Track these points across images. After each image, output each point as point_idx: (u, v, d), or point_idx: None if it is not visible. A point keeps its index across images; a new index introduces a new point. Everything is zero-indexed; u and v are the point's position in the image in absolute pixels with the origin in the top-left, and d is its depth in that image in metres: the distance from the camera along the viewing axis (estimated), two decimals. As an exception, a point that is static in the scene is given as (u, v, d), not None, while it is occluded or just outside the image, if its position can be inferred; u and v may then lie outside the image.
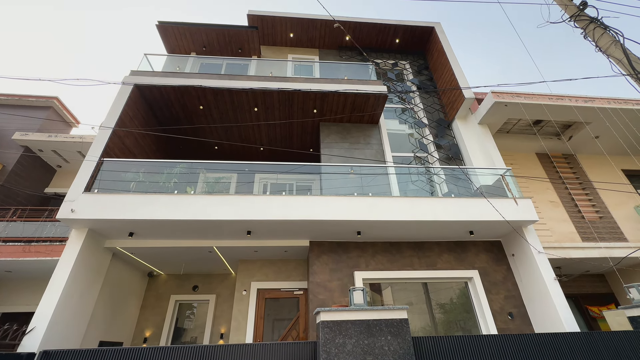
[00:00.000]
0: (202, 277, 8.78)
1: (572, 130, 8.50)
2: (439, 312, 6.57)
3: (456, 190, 7.05)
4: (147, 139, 7.98)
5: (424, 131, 8.99)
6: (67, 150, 8.85)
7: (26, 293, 7.35)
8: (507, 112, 7.80)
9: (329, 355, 3.22)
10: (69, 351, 3.51)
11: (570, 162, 9.02)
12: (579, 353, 3.67)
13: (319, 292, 5.99)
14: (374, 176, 6.95)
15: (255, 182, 6.83)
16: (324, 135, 8.42)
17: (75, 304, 5.41)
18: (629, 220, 7.99)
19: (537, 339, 3.72)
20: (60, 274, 5.20)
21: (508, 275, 6.55)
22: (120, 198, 5.56)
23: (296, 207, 5.73)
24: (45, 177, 9.58)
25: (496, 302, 6.21)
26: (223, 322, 8.25)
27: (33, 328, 4.74)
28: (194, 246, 6.47)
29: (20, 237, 6.72)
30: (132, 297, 7.88)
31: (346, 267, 6.34)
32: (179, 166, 6.43)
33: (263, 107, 8.09)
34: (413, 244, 6.77)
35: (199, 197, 5.69)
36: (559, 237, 7.40)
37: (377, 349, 3.27)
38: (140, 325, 7.99)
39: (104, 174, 5.99)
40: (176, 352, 3.54)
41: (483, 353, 3.57)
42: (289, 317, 7.26)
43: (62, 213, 5.30)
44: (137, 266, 7.79)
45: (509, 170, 6.85)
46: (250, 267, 7.40)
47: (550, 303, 5.61)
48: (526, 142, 8.87)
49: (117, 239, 6.27)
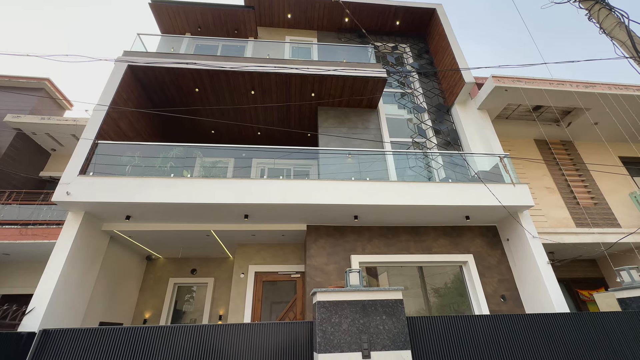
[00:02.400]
0: (200, 260, 8.86)
1: (572, 116, 8.46)
2: (433, 296, 6.70)
3: (453, 176, 7.06)
4: (142, 122, 7.85)
5: (422, 116, 8.91)
6: (60, 132, 8.71)
7: (25, 275, 7.39)
8: (507, 97, 7.72)
9: (325, 333, 3.28)
10: (69, 330, 3.56)
11: (568, 148, 9.02)
12: (569, 333, 3.77)
13: (316, 275, 6.07)
14: (372, 161, 6.93)
15: (252, 167, 6.80)
16: (322, 120, 8.33)
17: (74, 285, 5.45)
18: (624, 206, 8.07)
19: (528, 320, 3.82)
20: (57, 256, 5.21)
21: (502, 260, 6.66)
22: (116, 181, 5.52)
23: (294, 191, 5.72)
24: (40, 161, 9.46)
25: (489, 286, 6.33)
26: (221, 304, 8.39)
27: (33, 308, 4.79)
28: (192, 230, 6.49)
29: (16, 220, 6.71)
30: (131, 280, 7.95)
31: (343, 251, 6.40)
32: (175, 149, 6.36)
33: (260, 90, 7.95)
34: (409, 229, 6.83)
35: (196, 180, 5.66)
36: (554, 223, 7.49)
37: (372, 328, 3.34)
38: (139, 307, 8.11)
39: (99, 157, 5.93)
40: (176, 331, 3.59)
41: (475, 332, 3.66)
42: (286, 300, 7.38)
43: (58, 196, 5.26)
44: (135, 249, 7.83)
45: (507, 156, 6.85)
46: (248, 250, 7.46)
47: (543, 286, 5.73)
48: (525, 129, 8.83)
49: (114, 222, 6.27)
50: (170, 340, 3.54)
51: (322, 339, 3.25)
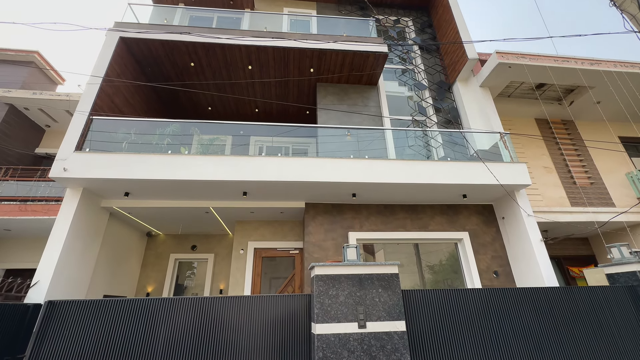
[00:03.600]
0: (200, 237, 9.00)
1: (574, 95, 8.33)
2: (428, 273, 6.89)
3: (452, 155, 7.05)
4: (137, 98, 7.68)
5: (423, 94, 8.75)
6: (54, 108, 8.52)
7: (28, 251, 7.51)
8: (510, 74, 7.55)
9: (323, 305, 3.40)
10: (73, 301, 3.66)
11: (569, 128, 8.96)
12: (557, 306, 3.92)
13: (314, 251, 6.19)
14: (371, 140, 6.88)
15: (250, 144, 6.74)
16: (321, 97, 8.17)
17: (76, 260, 5.55)
18: (619, 186, 8.15)
19: (518, 293, 3.95)
20: (58, 231, 5.27)
21: (496, 237, 6.79)
22: (113, 157, 5.47)
23: (292, 168, 5.71)
24: (35, 137, 9.33)
25: (483, 262, 6.50)
26: (222, 279, 8.61)
27: (37, 282, 4.90)
28: (191, 207, 6.53)
29: (15, 197, 6.71)
30: (133, 255, 8.10)
31: (341, 228, 6.50)
32: (171, 126, 6.27)
33: (257, 66, 7.72)
34: (407, 207, 6.90)
35: (194, 157, 5.63)
36: (549, 202, 7.58)
37: (368, 300, 3.46)
38: (142, 282, 8.32)
39: (95, 134, 5.84)
40: (179, 303, 3.70)
41: (467, 305, 3.80)
42: (285, 275, 7.58)
43: (55, 172, 5.23)
44: (135, 226, 7.92)
45: (507, 135, 6.81)
46: (247, 227, 7.56)
47: (535, 263, 5.88)
48: (526, 107, 8.72)
49: (113, 198, 6.28)
50: (173, 311, 3.65)
51: (320, 310, 3.37)
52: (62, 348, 3.41)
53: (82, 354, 3.40)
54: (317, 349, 3.21)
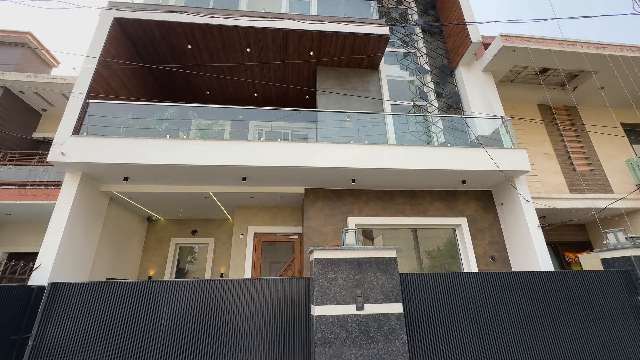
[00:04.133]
0: (200, 222, 9.06)
1: (578, 80, 8.20)
2: (426, 258, 6.99)
3: (453, 141, 7.01)
4: (133, 82, 7.54)
5: (425, 78, 8.60)
6: (49, 91, 8.39)
7: (29, 234, 7.58)
8: (514, 58, 7.40)
9: (322, 288, 3.46)
10: (76, 284, 3.72)
11: (571, 114, 8.87)
12: (551, 289, 4.00)
13: (313, 236, 6.25)
14: (371, 125, 6.82)
15: (249, 129, 6.69)
16: (321, 81, 8.03)
17: (78, 244, 5.61)
18: (619, 173, 8.15)
19: (513, 277, 4.02)
20: (59, 216, 5.29)
21: (494, 223, 6.85)
22: (111, 142, 5.43)
23: (291, 153, 5.68)
24: (32, 122, 9.23)
25: (480, 247, 6.58)
26: (222, 263, 8.74)
27: (40, 265, 4.97)
28: (190, 192, 6.54)
29: (14, 181, 6.71)
30: (134, 240, 8.18)
31: (340, 213, 6.54)
32: (169, 110, 6.19)
33: (256, 48, 7.55)
34: (406, 192, 6.92)
35: (193, 142, 5.59)
36: (548, 188, 7.59)
37: (366, 283, 3.52)
38: (144, 265, 8.44)
39: (92, 118, 5.77)
40: (181, 286, 3.77)
41: (463, 288, 3.87)
42: (284, 260, 7.69)
43: (53, 156, 5.20)
44: (136, 211, 7.95)
45: (508, 121, 6.75)
46: (247, 212, 7.60)
47: (531, 248, 5.96)
48: (529, 93, 8.59)
49: (112, 183, 6.28)
50: (175, 293, 3.72)
51: (319, 293, 3.44)
52: (66, 329, 3.49)
53: (86, 334, 3.48)
54: (316, 329, 3.29)
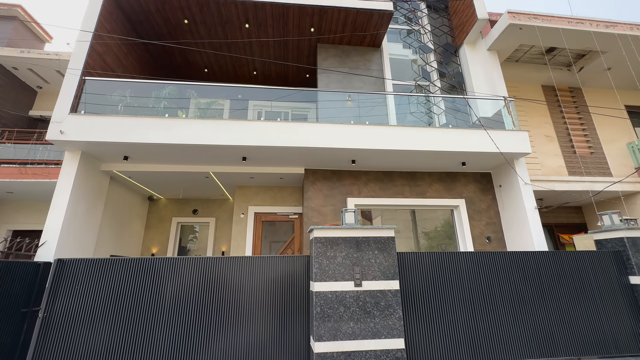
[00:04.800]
0: (201, 201, 9.14)
1: (585, 60, 8.01)
2: (423, 239, 7.13)
3: (454, 122, 6.95)
4: (129, 58, 7.37)
5: (428, 57, 8.40)
6: (43, 67, 8.19)
7: (32, 213, 7.66)
8: (520, 36, 7.20)
9: (321, 265, 3.56)
10: (82, 260, 3.81)
11: (575, 95, 8.74)
12: (544, 269, 4.11)
13: (313, 215, 6.34)
14: (372, 105, 6.73)
15: (249, 109, 6.60)
16: (322, 59, 7.85)
17: (81, 221, 5.69)
18: (619, 156, 8.14)
19: (507, 256, 4.12)
20: (61, 194, 5.34)
21: (492, 205, 6.93)
22: (110, 120, 5.38)
23: (292, 133, 5.65)
24: (27, 99, 9.08)
25: (477, 228, 6.69)
26: (223, 242, 8.90)
27: (45, 242, 5.07)
28: (190, 171, 6.56)
29: (14, 160, 6.70)
30: (136, 219, 8.29)
31: (339, 194, 6.59)
32: (167, 88, 6.09)
33: (255, 24, 7.31)
34: (405, 174, 6.94)
35: (192, 121, 5.54)
36: (547, 171, 7.61)
37: (364, 261, 3.62)
38: (146, 244, 8.61)
39: (89, 96, 5.69)
40: (184, 262, 3.87)
41: (458, 267, 3.98)
42: (284, 239, 7.83)
43: (51, 135, 5.17)
44: (137, 190, 8.01)
45: (511, 102, 6.67)
46: (247, 192, 7.65)
47: (527, 229, 6.07)
48: (534, 73, 8.42)
49: (112, 162, 6.29)
50: (179, 270, 3.82)
51: (318, 270, 3.54)
52: (74, 302, 3.62)
53: (93, 308, 3.61)
54: (315, 304, 3.42)
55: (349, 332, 3.34)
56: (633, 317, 3.99)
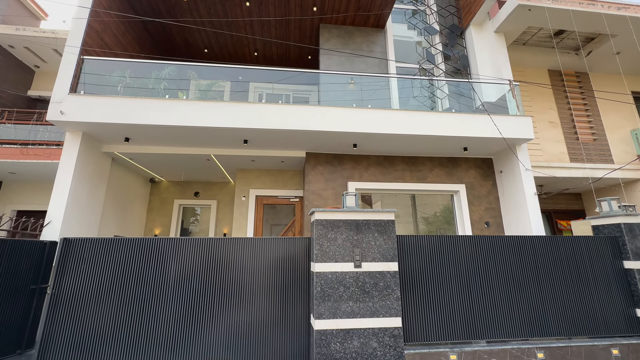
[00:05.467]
0: (202, 184, 9.20)
1: (594, 44, 7.81)
2: (422, 224, 7.21)
3: (457, 106, 6.88)
4: (128, 37, 7.21)
5: (433, 39, 8.20)
6: (40, 45, 8.03)
7: (35, 193, 7.73)
8: (529, 18, 6.99)
9: (322, 247, 3.63)
10: (87, 239, 3.88)
11: (582, 81, 8.59)
12: (540, 253, 4.18)
13: (313, 199, 6.39)
14: (375, 89, 6.64)
15: (249, 91, 6.53)
16: (324, 40, 7.67)
17: (84, 202, 5.75)
18: (622, 143, 8.10)
19: (504, 240, 4.18)
20: (63, 175, 5.37)
21: (492, 190, 6.96)
22: (110, 101, 5.34)
23: (293, 116, 5.61)
24: (25, 79, 8.96)
25: (476, 213, 6.76)
26: (225, 224, 9.02)
27: (50, 222, 5.15)
28: (192, 154, 6.56)
29: (15, 140, 6.69)
30: (138, 200, 8.37)
31: (340, 178, 6.62)
32: (167, 68, 6.00)
33: (256, 1, 7.09)
34: (406, 159, 6.94)
35: (193, 103, 5.49)
36: (549, 157, 7.60)
37: (364, 243, 3.68)
38: (149, 225, 8.73)
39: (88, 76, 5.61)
40: (187, 243, 3.94)
41: (456, 250, 4.05)
42: (284, 222, 7.93)
43: (52, 115, 5.15)
44: (138, 172, 8.04)
45: (516, 87, 6.57)
46: (248, 176, 7.68)
47: (526, 215, 6.13)
48: (541, 57, 8.24)
49: (113, 144, 6.28)
50: (182, 250, 3.90)
51: (319, 251, 3.61)
52: (81, 280, 3.72)
53: (99, 286, 3.72)
54: (316, 284, 3.51)
55: (348, 311, 3.45)
56: (624, 300, 4.10)
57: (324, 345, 3.33)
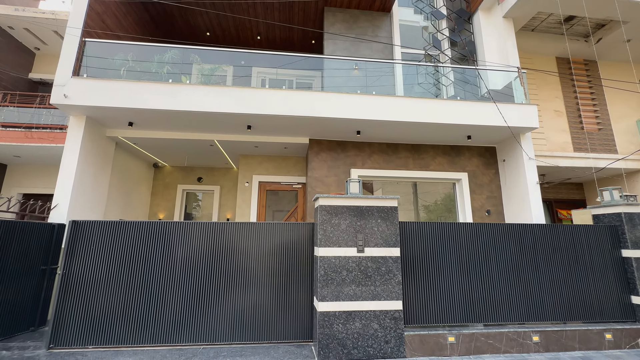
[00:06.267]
0: (205, 169, 9.24)
1: (605, 30, 7.64)
2: (423, 212, 7.27)
3: (462, 94, 6.81)
4: (129, 19, 7.08)
5: (440, 24, 8.02)
6: (40, 27, 7.91)
7: (40, 177, 7.80)
8: (539, 3, 6.81)
9: (325, 232, 3.70)
10: (95, 222, 3.96)
11: (590, 69, 8.44)
12: (540, 241, 4.25)
13: (316, 185, 6.44)
14: (379, 75, 6.56)
15: (252, 76, 6.46)
16: (329, 24, 7.52)
17: (90, 186, 5.82)
18: (627, 133, 8.04)
19: (507, 228, 4.25)
20: (68, 158, 5.41)
21: (494, 179, 6.99)
22: (113, 85, 5.31)
23: (297, 102, 5.58)
24: (26, 61, 8.86)
25: (478, 201, 6.81)
26: (228, 209, 9.12)
27: (57, 205, 5.22)
28: (195, 139, 6.57)
29: (19, 124, 6.70)
30: (142, 185, 8.44)
31: (343, 165, 6.64)
32: (170, 52, 5.93)
33: (259, -17, 6.93)
34: (410, 146, 6.93)
35: (196, 87, 5.45)
36: (553, 146, 7.57)
37: (367, 229, 3.75)
38: (153, 209, 8.83)
39: (91, 59, 5.56)
40: (192, 227, 4.02)
41: (457, 237, 4.12)
42: (287, 209, 8.00)
43: (55, 98, 5.14)
44: (142, 157, 8.07)
45: (524, 75, 6.48)
46: (251, 161, 7.71)
47: (527, 204, 6.17)
48: (549, 44, 8.07)
49: (117, 128, 6.28)
50: (189, 234, 3.99)
51: (323, 236, 3.68)
52: (89, 262, 3.82)
53: (108, 267, 3.82)
54: (319, 268, 3.60)
55: (350, 294, 3.55)
56: (620, 287, 4.19)
57: (326, 326, 3.44)
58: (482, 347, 3.67)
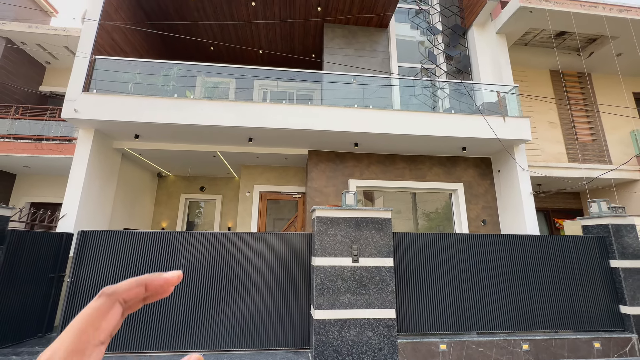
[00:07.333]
0: (208, 179, 9.46)
1: (595, 45, 7.88)
2: (423, 220, 7.42)
3: (458, 106, 7.03)
4: (137, 35, 7.41)
5: (436, 39, 8.30)
6: (52, 44, 8.26)
7: (48, 187, 8.04)
8: (530, 19, 7.08)
9: (322, 242, 3.87)
10: (102, 232, 4.16)
11: (583, 81, 8.66)
12: (530, 251, 4.39)
13: (315, 195, 6.62)
14: (377, 88, 6.80)
15: (254, 88, 6.74)
16: (328, 39, 7.81)
17: (96, 196, 6.04)
18: (620, 144, 8.21)
19: (498, 238, 4.40)
20: (77, 170, 5.64)
21: (489, 189, 7.14)
22: (122, 100, 5.57)
23: (296, 116, 5.81)
24: (37, 75, 9.20)
25: (473, 211, 6.96)
26: (229, 218, 9.30)
27: (65, 214, 5.43)
28: (198, 150, 6.80)
29: (29, 135, 6.97)
30: (146, 194, 8.66)
31: (342, 175, 6.84)
32: (175, 68, 6.20)
33: (261, 2, 7.24)
34: (406, 157, 7.13)
35: (200, 102, 5.70)
36: (547, 157, 7.74)
37: (362, 240, 3.92)
38: (156, 218, 9.03)
39: (99, 73, 5.84)
40: (194, 237, 4.20)
41: (449, 247, 4.27)
42: (287, 217, 8.18)
43: (66, 113, 5.39)
44: (146, 167, 8.31)
45: (515, 88, 6.70)
46: (253, 172, 7.92)
47: (521, 214, 6.31)
48: (542, 57, 8.32)
49: (124, 140, 6.53)
50: (191, 243, 4.17)
51: (319, 246, 3.85)
52: (97, 270, 4.00)
53: (114, 275, 4.00)
54: (316, 277, 3.76)
55: (345, 302, 3.70)
56: (608, 297, 4.31)
57: (322, 334, 3.59)
58: (473, 354, 3.79)
